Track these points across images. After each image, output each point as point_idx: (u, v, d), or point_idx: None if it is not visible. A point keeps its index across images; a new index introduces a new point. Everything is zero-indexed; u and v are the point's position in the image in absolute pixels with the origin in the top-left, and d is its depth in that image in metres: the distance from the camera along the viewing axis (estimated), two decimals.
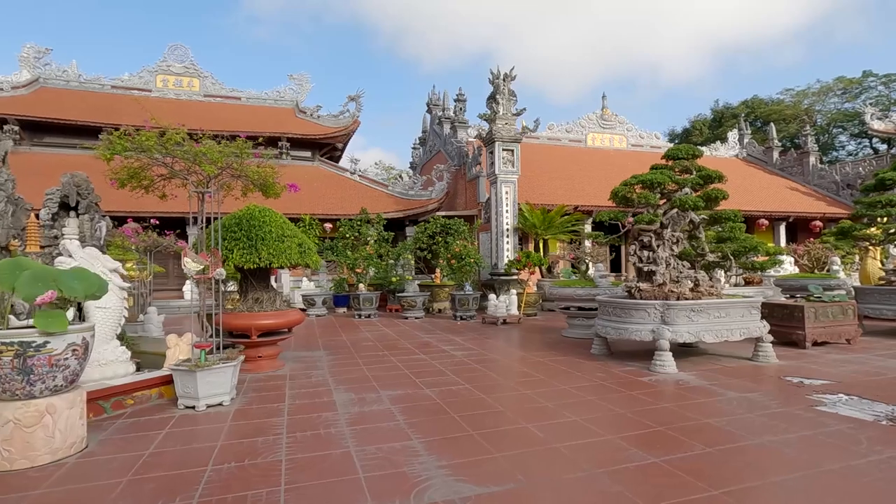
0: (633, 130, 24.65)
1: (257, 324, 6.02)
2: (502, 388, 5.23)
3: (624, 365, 6.22)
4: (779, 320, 7.58)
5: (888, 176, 8.37)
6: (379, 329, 10.39)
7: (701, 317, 6.01)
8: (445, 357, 7.03)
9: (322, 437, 3.78)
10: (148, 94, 20.11)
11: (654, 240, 6.62)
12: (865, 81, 33.59)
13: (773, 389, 4.94)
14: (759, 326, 6.27)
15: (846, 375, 5.51)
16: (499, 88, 13.57)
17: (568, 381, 5.43)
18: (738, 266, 7.19)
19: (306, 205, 16.79)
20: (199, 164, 5.02)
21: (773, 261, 7.43)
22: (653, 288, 6.43)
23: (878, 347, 7.23)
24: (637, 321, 6.15)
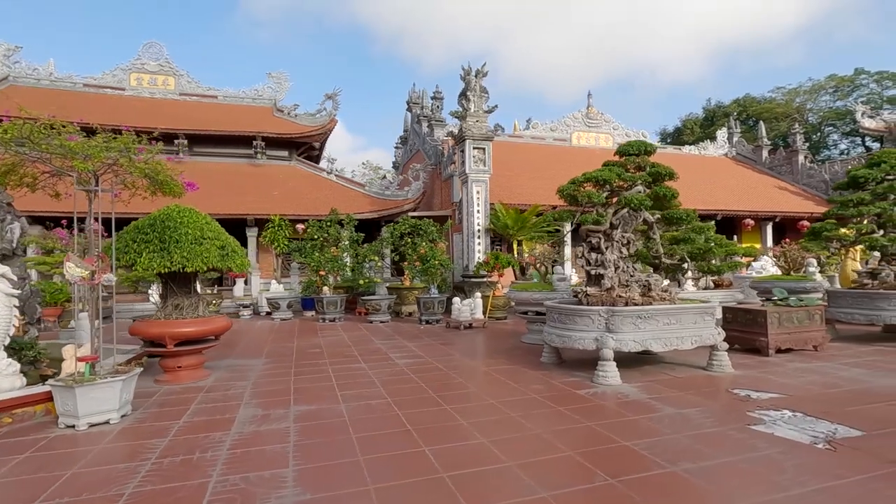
0: (620, 129, 24.23)
1: (173, 332, 5.63)
2: (426, 402, 4.83)
3: (569, 375, 5.83)
4: (742, 326, 7.19)
5: (861, 174, 7.96)
6: (336, 334, 9.99)
7: (648, 324, 5.61)
8: (386, 366, 6.63)
9: (191, 463, 3.39)
10: (121, 93, 19.70)
11: (602, 241, 6.22)
12: (858, 79, 33.13)
13: (716, 405, 4.54)
14: (712, 334, 5.86)
15: (801, 387, 5.11)
16: (470, 85, 13.17)
17: (500, 395, 5.04)
18: (697, 269, 6.80)
19: (281, 205, 16.39)
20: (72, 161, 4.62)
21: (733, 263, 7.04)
22: (600, 293, 6.03)
23: (845, 355, 6.83)
24: (581, 328, 5.75)
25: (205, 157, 18.86)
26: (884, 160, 7.87)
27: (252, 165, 19.08)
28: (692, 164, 24.17)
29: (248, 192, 17.02)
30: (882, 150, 8.10)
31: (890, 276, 7.75)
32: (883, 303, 7.43)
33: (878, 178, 7.81)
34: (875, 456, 3.27)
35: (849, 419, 4.03)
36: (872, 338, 8.06)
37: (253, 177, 18.37)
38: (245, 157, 19.13)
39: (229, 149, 19.00)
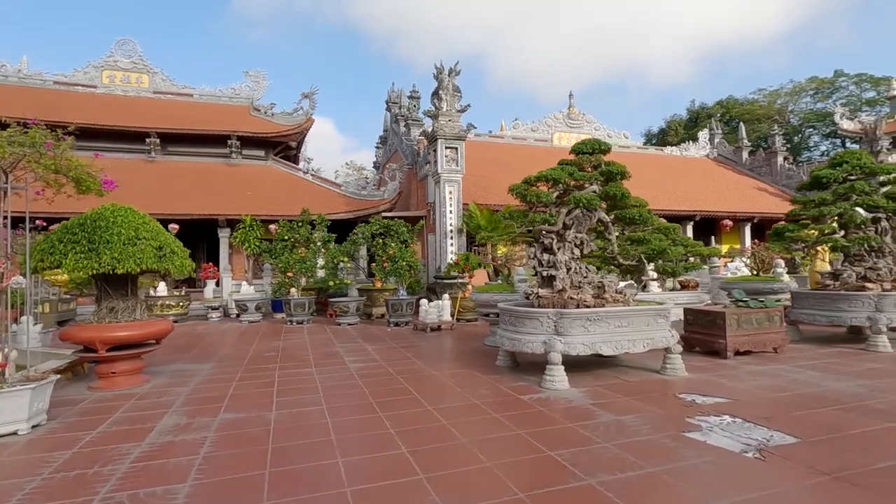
0: (602, 129, 24.21)
1: (105, 336, 5.39)
2: (362, 409, 4.64)
3: (519, 379, 5.67)
4: (703, 328, 7.08)
5: (822, 174, 7.90)
6: (299, 337, 9.76)
7: (599, 326, 5.46)
8: (336, 371, 6.43)
9: (84, 479, 3.17)
10: (93, 91, 19.29)
11: (555, 242, 6.07)
12: (837, 81, 33.44)
13: (657, 411, 4.40)
14: (665, 336, 5.73)
15: (749, 391, 4.99)
16: (442, 84, 13.01)
17: (441, 401, 4.87)
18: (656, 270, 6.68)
19: (255, 205, 16.12)
20: None
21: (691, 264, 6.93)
22: (552, 294, 5.88)
23: (805, 357, 6.74)
24: (530, 331, 5.59)
25: (179, 156, 18.53)
26: (845, 160, 7.82)
27: (227, 165, 18.76)
28: (673, 165, 24.23)
29: (222, 193, 16.72)
30: (844, 151, 8.05)
31: (852, 278, 7.69)
32: (843, 304, 7.36)
33: (840, 178, 7.75)
34: (802, 466, 3.14)
35: (788, 425, 3.91)
36: (836, 339, 8.00)
37: (227, 176, 18.07)
38: (220, 156, 18.81)
39: (204, 148, 18.68)
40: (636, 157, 24.03)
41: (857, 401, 4.56)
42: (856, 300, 7.25)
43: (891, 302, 7.10)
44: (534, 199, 5.87)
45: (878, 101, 30.44)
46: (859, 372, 5.77)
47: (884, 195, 7.55)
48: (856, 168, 7.67)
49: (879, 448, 3.41)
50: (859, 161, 7.66)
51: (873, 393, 4.82)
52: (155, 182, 16.69)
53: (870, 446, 3.46)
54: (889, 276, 7.65)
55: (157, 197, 15.73)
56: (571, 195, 5.79)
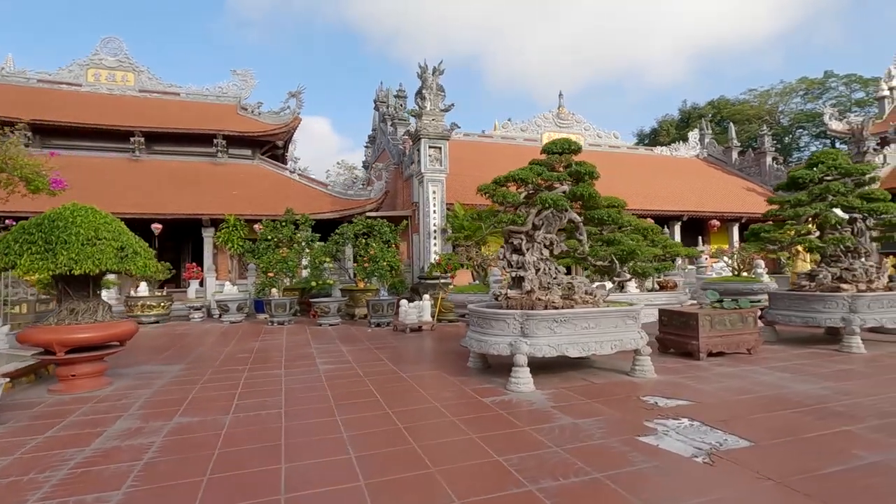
0: (591, 129, 24.21)
1: (63, 338, 5.30)
2: (319, 412, 4.58)
3: (486, 381, 5.62)
4: (676, 329, 7.04)
5: (799, 174, 7.88)
6: (277, 338, 9.68)
7: (565, 328, 5.41)
8: (305, 374, 6.36)
9: (18, 486, 3.10)
10: (78, 89, 19.11)
11: (524, 242, 6.02)
12: (827, 82, 33.56)
13: (617, 413, 4.35)
14: (634, 338, 5.69)
15: (714, 394, 4.95)
16: (426, 83, 12.94)
17: (402, 404, 4.81)
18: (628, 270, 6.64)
19: (240, 205, 16.01)
20: None
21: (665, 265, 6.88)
22: (521, 295, 5.83)
23: (778, 358, 6.71)
24: (497, 332, 5.54)
25: (164, 155, 18.39)
26: (821, 161, 7.80)
27: (213, 164, 18.63)
28: (663, 165, 24.25)
29: (206, 192, 16.60)
30: (821, 151, 8.04)
31: (827, 278, 7.67)
32: (818, 305, 7.34)
33: (816, 178, 7.73)
34: (750, 471, 3.09)
35: (745, 429, 3.86)
36: (813, 340, 7.98)
37: (213, 176, 17.94)
38: (206, 155, 18.67)
39: (190, 147, 18.53)
40: (626, 157, 24.05)
41: (818, 403, 4.53)
42: (830, 301, 7.23)
43: (864, 303, 7.08)
44: (500, 199, 5.82)
45: (867, 101, 30.59)
46: (828, 374, 5.74)
47: (858, 196, 7.54)
48: (831, 168, 7.65)
49: (830, 453, 3.37)
50: (835, 161, 7.64)
51: (837, 395, 4.79)
52: (138, 181, 16.56)
53: (822, 450, 3.42)
54: (864, 277, 7.64)
55: (140, 196, 15.61)
56: (538, 195, 5.74)
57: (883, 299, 7.18)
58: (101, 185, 15.85)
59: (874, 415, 4.15)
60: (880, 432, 3.73)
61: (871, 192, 7.42)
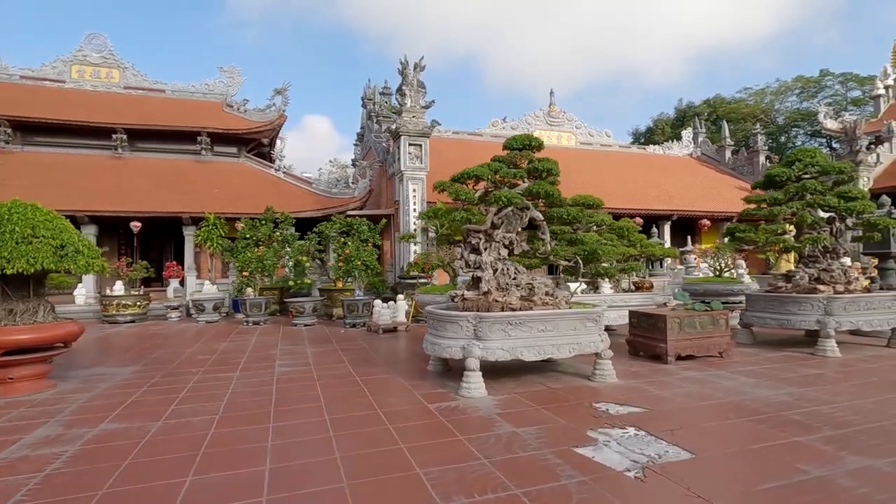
0: (583, 128, 23.97)
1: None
2: (254, 418, 4.37)
3: (441, 386, 5.42)
4: (645, 332, 6.84)
5: (775, 172, 7.65)
6: (246, 339, 9.48)
7: (520, 331, 5.21)
8: (258, 377, 6.16)
9: None
10: (62, 86, 18.91)
11: (482, 241, 5.82)
12: (823, 80, 33.24)
13: (563, 422, 4.14)
14: (594, 341, 5.48)
15: (671, 400, 4.74)
16: (407, 79, 12.73)
17: (344, 410, 4.61)
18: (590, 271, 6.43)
19: (222, 203, 15.82)
20: None
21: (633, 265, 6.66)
22: (478, 297, 5.62)
23: (748, 362, 6.50)
24: (450, 335, 5.33)
25: (148, 152, 18.19)
26: (799, 158, 7.58)
27: (198, 162, 18.43)
28: (655, 164, 24.01)
29: (189, 190, 16.41)
30: (799, 149, 7.81)
31: (804, 280, 7.45)
32: (792, 307, 7.13)
33: (793, 177, 7.50)
34: (680, 487, 2.89)
35: (692, 439, 3.66)
36: (790, 343, 7.77)
37: (197, 174, 17.74)
38: (190, 153, 18.46)
39: (174, 145, 18.33)
40: (617, 156, 23.82)
41: (776, 411, 4.32)
42: (805, 303, 7.02)
43: (840, 305, 6.87)
44: (456, 197, 5.62)
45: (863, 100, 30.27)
46: (795, 379, 5.53)
47: (836, 194, 7.31)
48: (808, 166, 7.43)
49: (773, 466, 3.17)
50: (812, 159, 7.42)
51: (798, 402, 4.58)
52: (119, 179, 16.37)
53: (765, 464, 3.21)
54: (843, 279, 7.42)
55: (120, 194, 15.43)
56: (492, 193, 5.54)
57: (860, 301, 6.96)
58: (81, 183, 15.67)
59: (830, 424, 3.94)
60: (831, 444, 3.52)
61: (848, 191, 7.20)
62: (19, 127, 16.83)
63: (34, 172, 15.78)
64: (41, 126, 16.83)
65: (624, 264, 7.27)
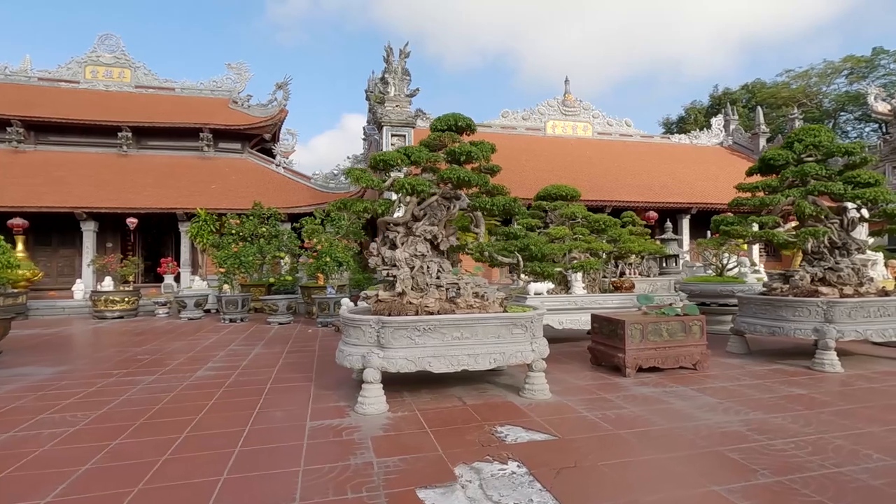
0: (600, 117, 22.65)
1: None
2: (104, 434, 3.91)
3: (348, 399, 4.84)
4: (606, 339, 5.99)
5: (771, 155, 6.56)
6: (204, 338, 9.18)
7: (430, 338, 4.52)
8: (172, 381, 5.74)
9: None
10: (76, 86, 19.46)
11: (399, 236, 5.16)
12: (876, 59, 30.14)
13: (445, 450, 3.45)
14: (522, 350, 4.72)
15: (594, 426, 3.94)
16: (391, 67, 12.13)
17: (211, 426, 4.09)
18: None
19: (218, 199, 15.79)
20: None
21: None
22: (392, 298, 4.97)
23: (726, 376, 5.54)
24: (353, 342, 4.71)
25: (154, 150, 18.45)
26: (800, 138, 6.46)
27: (201, 159, 18.53)
28: (680, 154, 22.43)
29: (187, 186, 16.47)
30: (802, 127, 6.67)
31: (805, 280, 6.36)
32: (786, 312, 6.07)
33: (792, 159, 6.41)
34: None
35: (573, 483, 2.91)
36: (793, 353, 6.68)
37: (199, 170, 17.82)
38: (195, 150, 18.59)
39: (179, 142, 18.52)
40: (637, 146, 22.40)
41: (716, 444, 3.47)
42: (801, 308, 5.95)
43: (844, 311, 5.77)
44: (366, 185, 4.99)
45: None
46: (769, 401, 4.58)
47: (844, 180, 6.18)
48: (810, 147, 6.32)
49: None
50: (815, 139, 6.30)
51: (750, 433, 3.69)
52: (121, 176, 16.61)
53: None
54: (853, 280, 6.29)
55: (118, 191, 15.63)
56: (396, 180, 4.87)
57: (869, 307, 5.84)
58: (84, 181, 15.98)
59: (772, 468, 3.07)
60: (752, 499, 2.68)
61: (857, 176, 6.05)
62: (32, 127, 17.37)
63: (42, 171, 16.21)
64: (51, 126, 17.31)
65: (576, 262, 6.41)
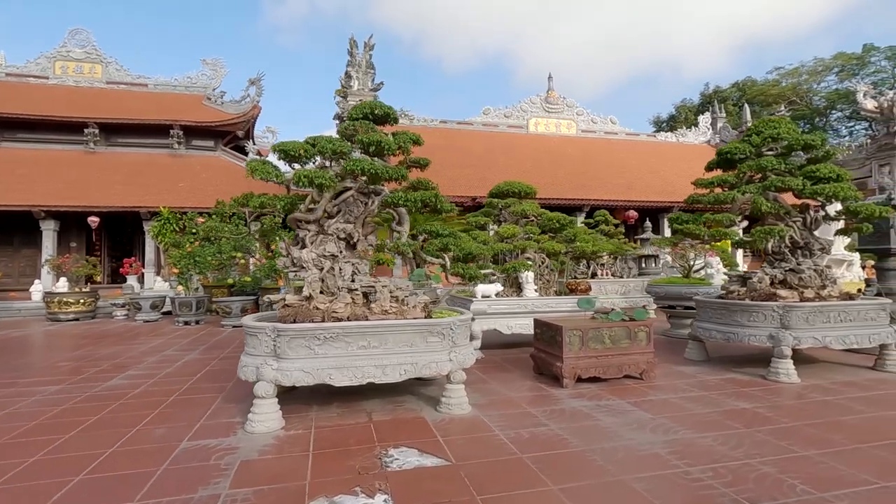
0: (585, 115, 22.24)
1: None
2: None
3: (244, 414, 4.37)
4: (546, 345, 5.56)
5: (729, 149, 6.13)
6: (143, 343, 8.74)
7: (332, 347, 4.09)
8: (75, 392, 5.31)
9: None
10: (45, 82, 18.96)
11: (310, 234, 4.73)
12: (867, 57, 29.72)
13: (315, 478, 3.02)
14: (438, 360, 4.29)
15: (501, 448, 3.51)
16: (355, 60, 11.69)
17: (72, 448, 3.65)
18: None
19: (185, 197, 15.33)
20: None
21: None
22: (299, 303, 4.53)
23: (671, 388, 5.11)
24: (250, 351, 4.27)
25: (123, 147, 17.99)
26: (760, 130, 6.03)
27: (172, 156, 18.08)
28: (666, 152, 22.03)
29: (156, 184, 16.01)
30: (761, 119, 6.24)
31: (764, 282, 5.93)
32: (741, 317, 5.64)
33: (750, 152, 5.98)
34: None
35: None
36: (752, 360, 6.25)
37: (169, 168, 17.37)
38: (166, 147, 18.14)
39: (149, 139, 18.06)
40: (622, 144, 22.00)
41: (620, 475, 3.03)
42: (756, 312, 5.52)
43: (801, 315, 5.34)
44: (267, 178, 4.57)
45: None
46: (709, 416, 4.15)
47: (804, 175, 5.75)
48: (768, 140, 5.89)
49: None
50: (774, 131, 5.87)
51: (669, 458, 3.26)
52: (89, 174, 16.16)
53: None
54: (815, 282, 5.86)
55: (86, 189, 15.17)
56: (297, 172, 4.45)
57: (829, 311, 5.41)
58: (48, 178, 15.52)
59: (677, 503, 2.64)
60: None
61: (816, 171, 5.61)
62: None
63: (6, 169, 15.75)
64: (17, 122, 16.84)
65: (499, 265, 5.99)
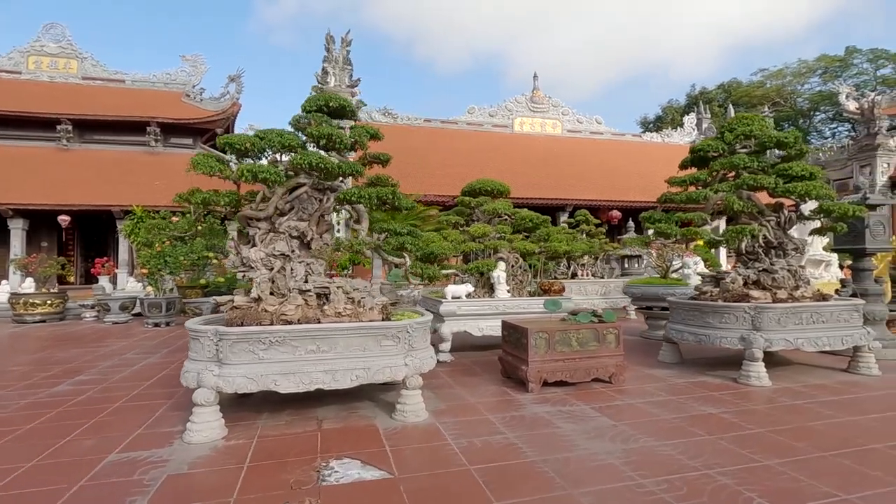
0: (570, 115, 22.16)
1: None
2: None
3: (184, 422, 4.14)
4: (513, 348, 5.38)
5: (701, 146, 6.01)
6: (106, 346, 8.44)
7: (279, 352, 3.87)
8: (35, 393, 5.03)
9: None
10: (18, 77, 18.47)
11: (260, 233, 4.51)
12: (850, 59, 30.02)
13: (242, 495, 2.80)
14: (392, 365, 4.09)
15: (449, 459, 3.32)
16: (331, 56, 11.45)
17: None
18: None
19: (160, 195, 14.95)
20: None
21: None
22: (248, 305, 4.30)
23: (639, 392, 4.95)
24: (193, 356, 4.04)
25: (98, 144, 17.57)
26: (733, 127, 5.91)
27: (149, 154, 17.68)
28: (651, 153, 22.01)
29: (130, 183, 15.63)
30: (736, 116, 6.13)
31: (737, 283, 5.80)
32: (713, 318, 5.50)
33: (722, 150, 5.86)
34: None
35: None
36: (726, 363, 6.12)
37: (145, 166, 16.99)
38: (142, 145, 17.75)
39: (124, 136, 17.65)
40: (608, 144, 21.96)
41: (569, 488, 2.85)
42: (728, 314, 5.39)
43: (773, 317, 5.21)
44: (212, 173, 4.35)
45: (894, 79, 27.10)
46: (672, 424, 3.99)
47: (777, 172, 5.63)
48: (741, 137, 5.76)
49: None
50: (747, 128, 5.74)
51: (624, 469, 3.09)
52: (61, 172, 15.74)
53: None
54: (789, 283, 5.75)
55: (57, 187, 14.76)
56: (240, 166, 4.23)
57: (801, 312, 5.29)
58: (15, 176, 15.08)
59: None
60: None
61: (788, 168, 5.50)
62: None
63: None
64: None
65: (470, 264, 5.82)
